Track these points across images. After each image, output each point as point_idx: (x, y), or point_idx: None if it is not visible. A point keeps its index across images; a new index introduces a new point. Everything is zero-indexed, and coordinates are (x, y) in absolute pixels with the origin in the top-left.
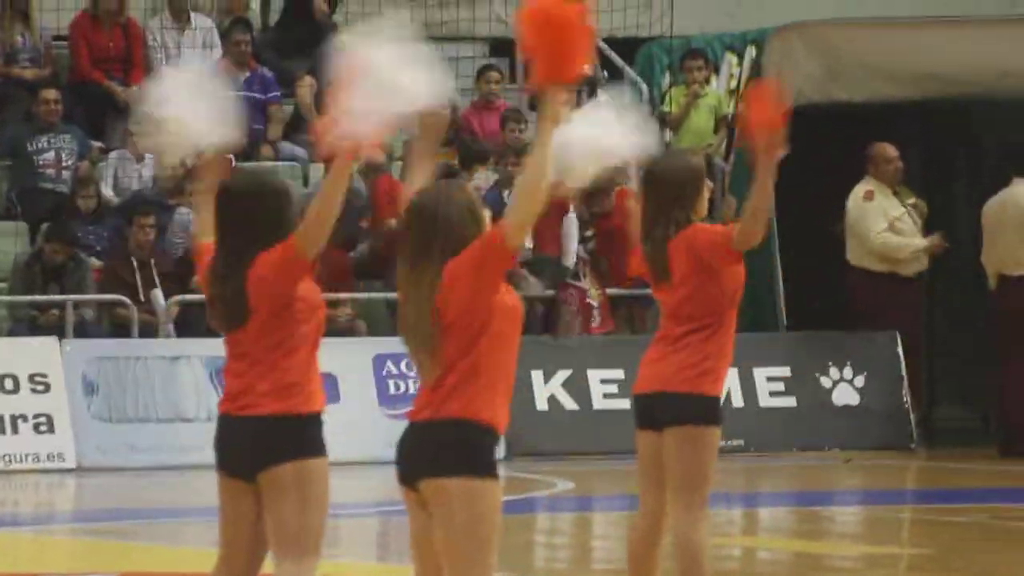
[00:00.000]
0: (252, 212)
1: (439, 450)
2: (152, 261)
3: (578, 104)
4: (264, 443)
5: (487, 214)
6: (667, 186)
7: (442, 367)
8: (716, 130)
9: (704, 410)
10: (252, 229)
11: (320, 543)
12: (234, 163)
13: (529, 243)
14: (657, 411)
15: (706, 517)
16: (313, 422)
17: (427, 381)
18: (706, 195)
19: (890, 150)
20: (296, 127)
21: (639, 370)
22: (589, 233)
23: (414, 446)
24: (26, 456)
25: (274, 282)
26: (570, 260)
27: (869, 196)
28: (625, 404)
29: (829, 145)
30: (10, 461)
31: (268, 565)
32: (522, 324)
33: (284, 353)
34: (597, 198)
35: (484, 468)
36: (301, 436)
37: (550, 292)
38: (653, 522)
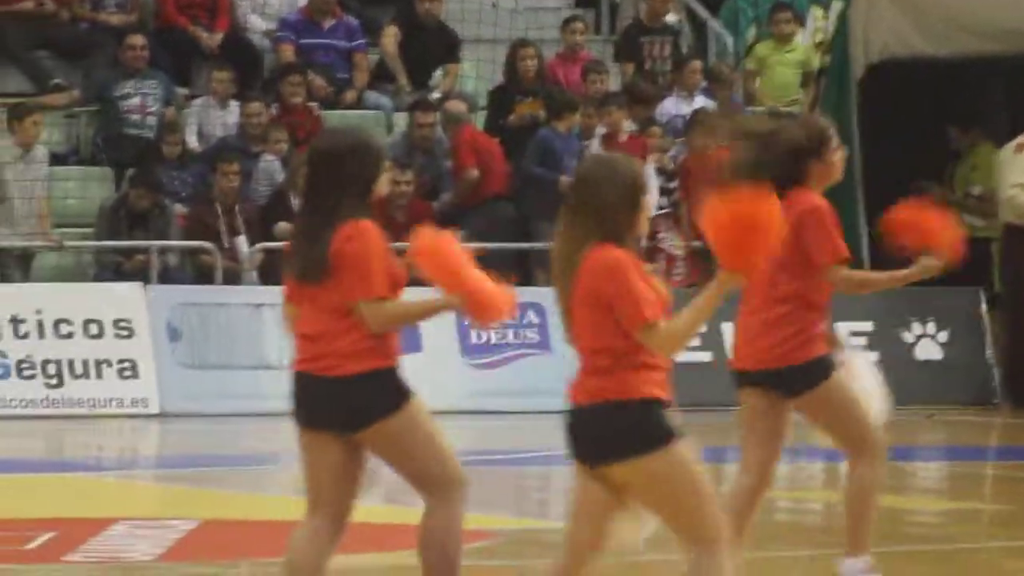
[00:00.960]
0: (338, 172)
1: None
2: (236, 208)
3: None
4: (359, 403)
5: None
6: None
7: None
8: (803, 84)
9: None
10: (339, 188)
11: (456, 465)
12: (317, 112)
13: None
14: None
15: None
16: (397, 374)
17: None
18: None
19: None
20: (381, 76)
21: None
22: (673, 184)
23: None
24: (110, 401)
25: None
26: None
27: (1020, 148)
28: (705, 357)
29: (916, 98)
30: (94, 406)
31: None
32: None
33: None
34: (698, 133)
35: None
36: (394, 388)
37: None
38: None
